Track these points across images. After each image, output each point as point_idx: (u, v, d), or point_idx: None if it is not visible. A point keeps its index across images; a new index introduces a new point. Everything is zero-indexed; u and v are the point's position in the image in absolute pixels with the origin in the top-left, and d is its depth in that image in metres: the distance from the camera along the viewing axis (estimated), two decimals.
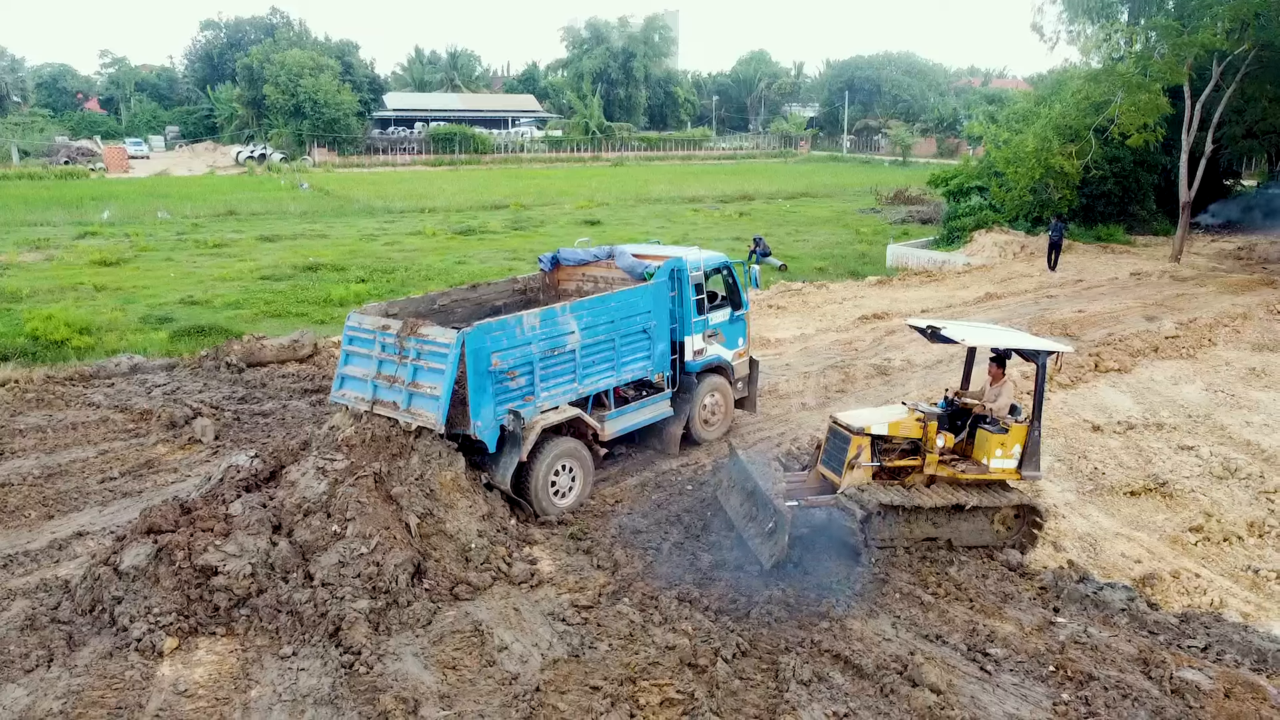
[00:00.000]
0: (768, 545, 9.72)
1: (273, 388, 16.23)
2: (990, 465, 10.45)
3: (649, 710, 7.48)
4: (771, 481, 10.45)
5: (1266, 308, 23.23)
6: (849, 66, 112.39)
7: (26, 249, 31.30)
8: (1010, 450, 10.40)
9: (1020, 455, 10.42)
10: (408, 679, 7.88)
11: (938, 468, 10.49)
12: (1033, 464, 10.49)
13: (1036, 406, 10.48)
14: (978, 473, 10.50)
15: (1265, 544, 10.95)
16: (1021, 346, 10.63)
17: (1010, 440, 10.39)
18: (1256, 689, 7.82)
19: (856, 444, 10.20)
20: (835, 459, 10.45)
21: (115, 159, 71.57)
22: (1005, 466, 10.45)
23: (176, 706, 7.53)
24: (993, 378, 10.94)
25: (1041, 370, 10.49)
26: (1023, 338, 11.15)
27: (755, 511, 10.32)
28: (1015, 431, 10.39)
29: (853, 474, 10.21)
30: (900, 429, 10.36)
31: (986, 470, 10.47)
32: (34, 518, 11.06)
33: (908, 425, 10.39)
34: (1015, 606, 9.23)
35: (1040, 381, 10.50)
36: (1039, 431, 10.48)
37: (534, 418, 10.83)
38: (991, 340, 10.83)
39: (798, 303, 24.28)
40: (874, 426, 10.27)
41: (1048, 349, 10.60)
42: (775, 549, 9.55)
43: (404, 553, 9.16)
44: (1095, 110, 30.15)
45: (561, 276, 14.29)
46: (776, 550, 9.53)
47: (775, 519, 9.70)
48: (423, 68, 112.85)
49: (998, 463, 10.43)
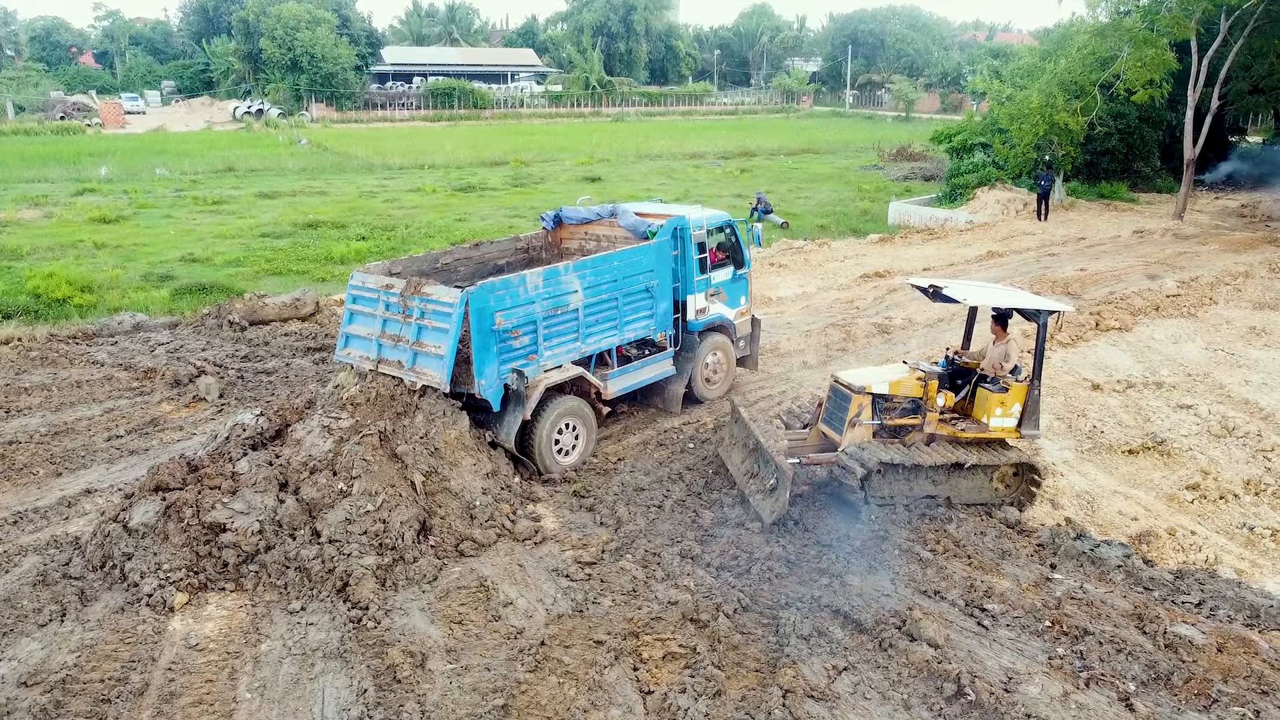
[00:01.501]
0: (769, 502, 9.83)
1: (275, 346, 16.27)
2: (990, 424, 10.51)
3: (651, 664, 7.62)
4: (773, 439, 10.53)
5: (1268, 266, 23.21)
6: (852, 20, 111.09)
7: (25, 206, 31.17)
8: (1010, 409, 10.45)
9: (1020, 414, 10.48)
10: (415, 633, 8.02)
11: (938, 426, 10.54)
12: (1032, 423, 10.55)
13: (1037, 366, 10.52)
14: (977, 431, 10.56)
15: (1261, 501, 11.07)
16: (1022, 306, 10.65)
17: (1010, 399, 10.44)
18: (1248, 643, 7.96)
19: (858, 403, 10.25)
20: (836, 417, 10.50)
21: (111, 114, 70.95)
22: (1005, 425, 10.51)
23: (188, 660, 7.67)
24: (995, 337, 10.97)
25: (1042, 329, 10.51)
26: (1023, 297, 11.17)
27: (757, 468, 10.42)
28: (1015, 391, 10.44)
29: (854, 432, 10.27)
30: (901, 388, 10.40)
31: (986, 429, 10.53)
32: (42, 475, 11.16)
33: (909, 384, 10.43)
34: (1013, 563, 9.36)
35: (1041, 341, 10.52)
36: (1039, 390, 10.53)
37: (537, 376, 10.89)
38: (992, 300, 10.84)
39: (799, 261, 24.24)
40: (875, 385, 10.32)
41: (1048, 308, 10.62)
42: (776, 505, 9.67)
43: (409, 510, 9.27)
44: (1101, 66, 29.87)
45: (564, 235, 14.27)
46: (778, 506, 9.65)
47: (777, 476, 9.79)
48: (420, 21, 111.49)
49: (997, 421, 10.48)
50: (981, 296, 10.99)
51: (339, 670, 7.55)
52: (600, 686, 7.36)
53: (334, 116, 76.79)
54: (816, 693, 7.31)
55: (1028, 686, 7.41)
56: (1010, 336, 10.91)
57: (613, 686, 7.38)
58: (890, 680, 7.52)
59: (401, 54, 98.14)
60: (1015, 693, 7.33)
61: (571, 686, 7.36)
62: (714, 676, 7.39)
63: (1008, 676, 7.53)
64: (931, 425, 10.53)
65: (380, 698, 7.22)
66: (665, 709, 7.08)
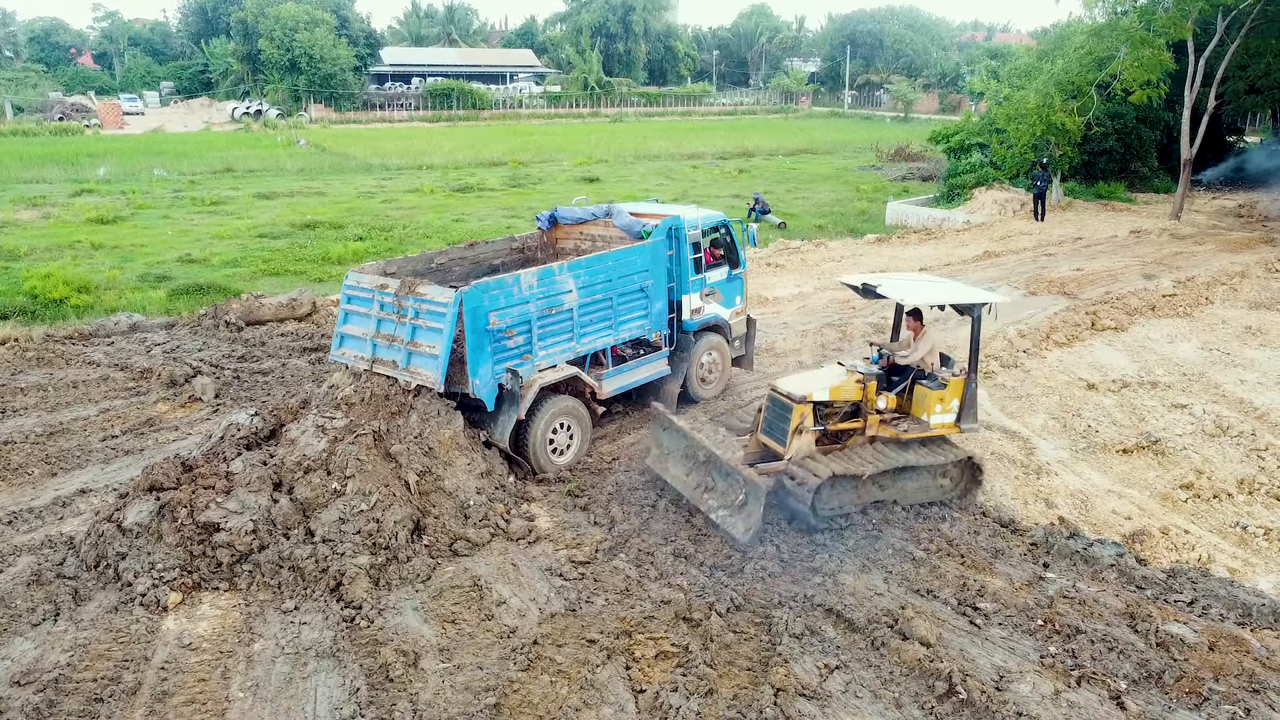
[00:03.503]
0: (740, 518, 9.41)
1: (272, 346, 16.29)
2: (930, 422, 10.41)
3: (644, 663, 7.64)
4: (728, 449, 10.15)
5: (1265, 266, 23.22)
6: (851, 20, 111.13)
7: (23, 207, 31.18)
8: (949, 405, 10.39)
9: (958, 408, 10.43)
10: (408, 632, 8.03)
11: (879, 428, 10.39)
12: (970, 416, 10.51)
13: (973, 359, 10.44)
14: (919, 430, 10.44)
15: (1254, 501, 11.08)
16: (955, 300, 10.45)
17: (949, 395, 10.36)
18: (1240, 642, 7.97)
19: (799, 412, 9.96)
20: (777, 428, 10.20)
21: (110, 115, 70.97)
22: (945, 421, 10.44)
23: (181, 659, 7.68)
24: (912, 331, 10.86)
25: (976, 323, 10.39)
26: (956, 291, 10.84)
27: (714, 482, 9.91)
28: (953, 386, 10.37)
29: (798, 441, 10.02)
30: (841, 393, 10.20)
31: (928, 427, 10.42)
32: (37, 475, 11.18)
33: (848, 388, 10.24)
34: (1006, 562, 9.38)
35: (975, 334, 10.41)
36: (975, 384, 10.50)
37: (532, 376, 10.90)
38: (924, 296, 10.58)
39: (796, 261, 24.26)
40: (816, 393, 10.08)
41: (980, 301, 10.45)
42: (750, 521, 9.28)
43: (403, 509, 9.28)
44: (1098, 66, 29.87)
45: (559, 235, 14.29)
46: (751, 523, 9.26)
47: (746, 490, 9.39)
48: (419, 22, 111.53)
49: (938, 418, 10.39)
50: (913, 292, 10.69)
51: (332, 669, 7.56)
52: (593, 685, 7.38)
53: (332, 117, 76.80)
54: (808, 691, 7.32)
55: (1019, 685, 7.43)
56: (926, 328, 10.81)
57: (605, 685, 7.40)
58: (882, 679, 7.53)
59: (400, 55, 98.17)
60: (1006, 691, 7.34)
61: (564, 685, 7.38)
62: (706, 675, 7.41)
63: (999, 675, 7.54)
64: (873, 428, 10.36)
65: (373, 697, 7.24)
66: (657, 707, 7.10)
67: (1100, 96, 30.08)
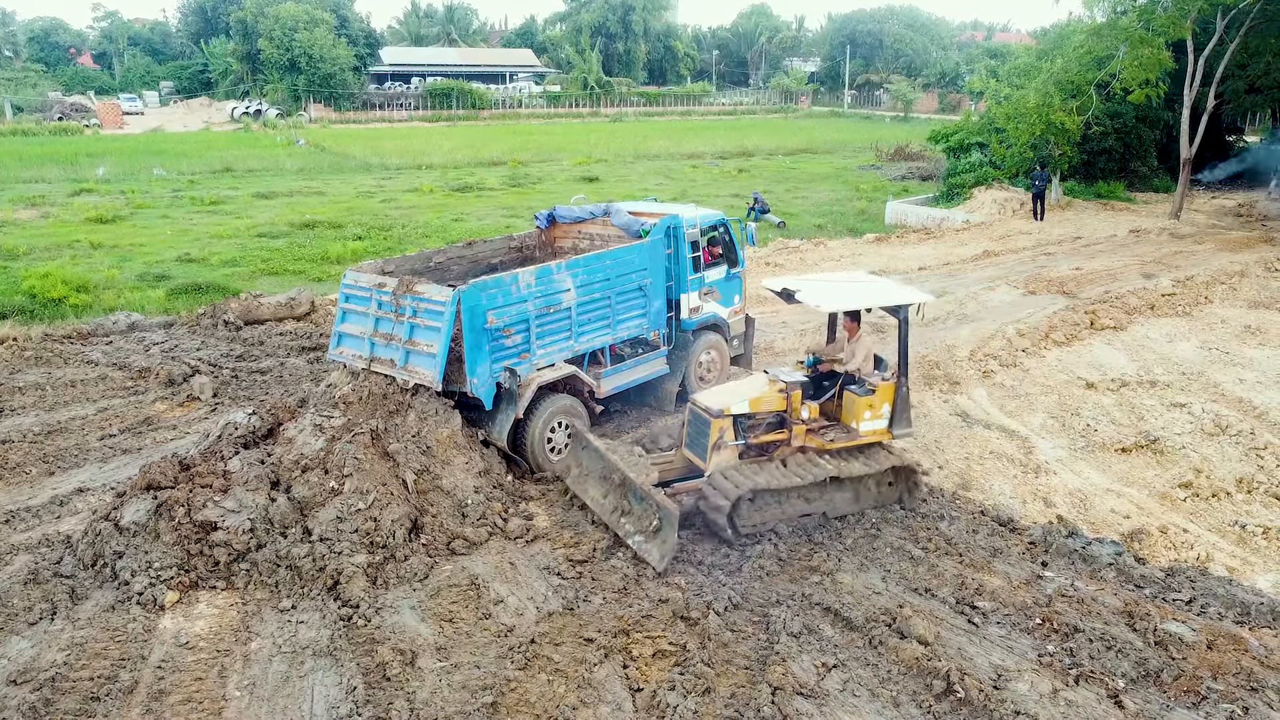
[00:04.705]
0: (655, 544, 8.99)
1: (270, 345, 16.28)
2: (860, 429, 10.02)
3: (642, 662, 7.63)
4: (641, 471, 9.53)
5: (1264, 265, 23.21)
6: (851, 20, 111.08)
7: (22, 206, 31.17)
8: (880, 411, 10.02)
9: (890, 414, 10.07)
10: (405, 631, 8.02)
11: (806, 438, 10.00)
12: (904, 421, 10.16)
13: (902, 361, 10.12)
14: (847, 439, 10.03)
15: (1253, 500, 11.07)
16: (881, 304, 10.15)
17: (879, 400, 10.00)
18: (1238, 641, 7.97)
19: (718, 427, 9.67)
20: (698, 443, 9.95)
21: (109, 115, 70.94)
22: (876, 428, 10.07)
23: (178, 658, 7.67)
24: (849, 333, 10.52)
25: (904, 324, 10.05)
26: (882, 292, 10.47)
27: (629, 505, 9.47)
28: (883, 390, 10.01)
29: (718, 456, 9.70)
30: (762, 404, 9.88)
31: (857, 435, 10.03)
32: (35, 474, 11.16)
33: (769, 399, 9.90)
34: (1004, 561, 9.36)
35: (903, 335, 10.06)
36: (907, 388, 10.16)
37: (530, 375, 10.89)
38: (844, 300, 10.19)
39: (795, 260, 24.24)
40: (734, 406, 9.77)
41: (908, 302, 10.11)
42: (664, 548, 8.89)
43: (401, 508, 9.27)
44: (1097, 65, 29.86)
45: (558, 234, 14.28)
46: (666, 550, 8.88)
47: (660, 515, 8.97)
48: (419, 22, 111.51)
49: (868, 425, 10.02)
50: (835, 297, 10.25)
51: (329, 668, 7.55)
52: (590, 684, 7.37)
53: (332, 117, 76.76)
54: (806, 690, 7.31)
55: (1017, 684, 7.42)
56: (863, 331, 10.51)
57: (602, 684, 7.38)
58: (880, 678, 7.52)
59: (400, 54, 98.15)
60: (1004, 690, 7.33)
61: (561, 684, 7.37)
62: (704, 674, 7.40)
63: (997, 674, 7.53)
64: (799, 438, 9.98)
65: (370, 695, 7.22)
66: (654, 706, 7.08)
67: (1100, 96, 30.07)
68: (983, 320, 18.07)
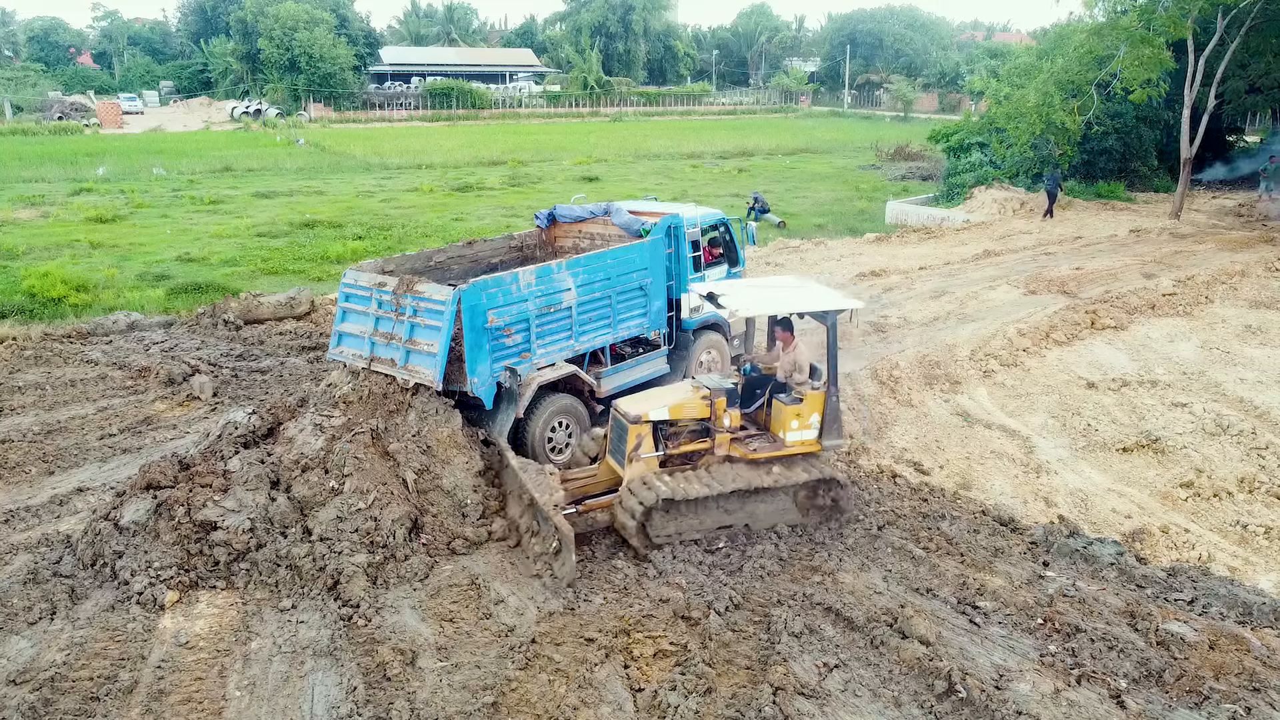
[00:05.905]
0: (557, 565, 8.84)
1: (270, 345, 16.27)
2: (787, 439, 9.71)
3: (642, 661, 7.61)
4: (546, 491, 9.22)
5: (1265, 265, 23.19)
6: (851, 20, 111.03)
7: (22, 206, 31.15)
8: (808, 420, 9.69)
9: (820, 424, 9.72)
10: (405, 631, 8.01)
11: (730, 447, 9.74)
12: (834, 432, 9.79)
13: (831, 370, 9.78)
14: (772, 449, 9.75)
15: (1254, 499, 11.05)
16: (806, 309, 9.85)
17: (807, 409, 9.67)
18: (1240, 641, 7.95)
19: (635, 433, 9.39)
20: (619, 450, 9.70)
21: (109, 114, 70.88)
22: (804, 438, 9.74)
23: (178, 658, 7.65)
24: (782, 343, 10.29)
25: (832, 331, 9.73)
26: (808, 297, 10.12)
27: (538, 526, 9.31)
28: (811, 400, 9.67)
29: (634, 466, 9.45)
30: (683, 411, 9.62)
31: (783, 445, 9.72)
32: (34, 474, 11.14)
33: (692, 406, 9.65)
34: (1005, 561, 9.35)
35: (832, 342, 9.74)
36: (837, 397, 9.81)
37: (530, 374, 10.87)
38: (765, 305, 9.97)
39: (795, 260, 24.21)
40: (653, 412, 9.50)
41: (836, 308, 9.77)
42: (564, 569, 8.72)
43: (401, 508, 9.25)
44: (1098, 65, 29.83)
45: (558, 233, 14.26)
46: (566, 571, 8.70)
47: (558, 538, 8.79)
48: (419, 21, 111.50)
49: (795, 435, 9.69)
50: (755, 302, 10.00)
51: (329, 668, 7.53)
52: (590, 684, 7.35)
53: (332, 116, 76.69)
54: (807, 690, 7.30)
55: (1019, 684, 7.40)
56: (797, 340, 10.24)
57: (603, 684, 7.37)
58: (881, 678, 7.51)
59: (400, 54, 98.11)
60: (1006, 690, 7.32)
61: (562, 684, 7.35)
62: (705, 674, 7.38)
63: (999, 674, 7.52)
64: (723, 447, 9.72)
65: (370, 695, 7.20)
66: (655, 706, 7.07)
67: (1100, 95, 30.04)
68: (983, 320, 18.06)
